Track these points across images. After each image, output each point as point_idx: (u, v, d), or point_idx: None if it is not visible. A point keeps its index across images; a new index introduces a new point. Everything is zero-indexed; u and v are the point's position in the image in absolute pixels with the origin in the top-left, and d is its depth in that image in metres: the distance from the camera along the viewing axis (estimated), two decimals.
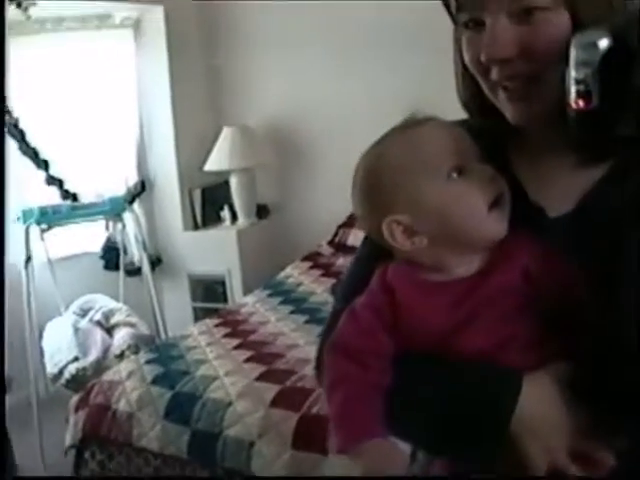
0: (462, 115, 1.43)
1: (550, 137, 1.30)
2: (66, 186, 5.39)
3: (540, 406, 1.17)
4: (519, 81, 1.23)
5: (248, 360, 3.74)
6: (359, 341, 1.27)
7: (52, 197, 5.33)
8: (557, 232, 1.26)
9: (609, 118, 1.06)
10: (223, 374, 3.58)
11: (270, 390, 3.31)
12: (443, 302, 1.23)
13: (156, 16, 5.67)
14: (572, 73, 1.08)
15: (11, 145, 5.15)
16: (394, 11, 5.15)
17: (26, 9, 3.96)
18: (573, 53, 1.08)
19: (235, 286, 5.67)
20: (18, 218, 4.97)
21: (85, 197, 5.44)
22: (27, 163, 5.25)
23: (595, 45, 1.05)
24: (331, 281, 4.80)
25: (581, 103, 1.06)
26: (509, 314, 1.20)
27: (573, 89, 1.07)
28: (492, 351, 1.19)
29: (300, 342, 3.85)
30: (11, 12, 3.98)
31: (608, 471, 1.11)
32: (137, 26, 5.80)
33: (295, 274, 5.24)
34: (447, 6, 1.31)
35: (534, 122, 1.27)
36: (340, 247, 5.30)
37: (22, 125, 5.17)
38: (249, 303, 4.78)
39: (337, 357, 1.29)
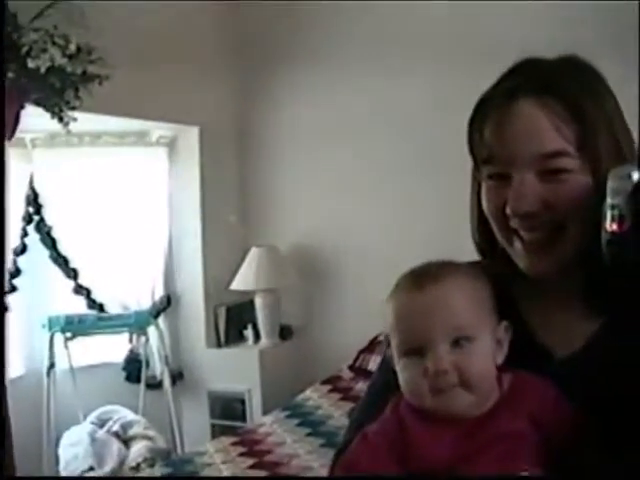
0: None
1: (559, 284, 1.35)
2: (93, 296, 5.45)
3: None
4: (538, 233, 1.29)
5: None
6: (369, 465, 1.30)
7: (79, 306, 5.39)
8: (564, 373, 1.29)
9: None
10: None
11: None
12: (447, 439, 1.26)
13: (191, 136, 5.82)
14: (608, 200, 1.14)
15: (43, 252, 5.24)
16: (435, 144, 5.27)
17: (67, 123, 4.08)
18: (610, 183, 1.14)
19: (255, 405, 5.64)
20: (44, 325, 5.03)
21: (111, 308, 5.50)
22: (56, 271, 5.33)
23: (629, 176, 1.12)
24: (349, 405, 4.78)
25: (615, 226, 1.12)
26: (511, 455, 1.22)
27: (608, 214, 1.13)
28: None
29: (314, 465, 3.84)
30: (52, 125, 4.11)
31: None
32: (172, 145, 5.94)
33: (314, 397, 5.22)
34: (472, 150, 1.38)
35: (547, 273, 1.33)
36: (360, 372, 5.29)
37: (54, 234, 5.26)
38: (267, 423, 4.77)
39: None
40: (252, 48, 6.11)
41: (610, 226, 1.13)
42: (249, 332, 5.91)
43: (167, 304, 5.92)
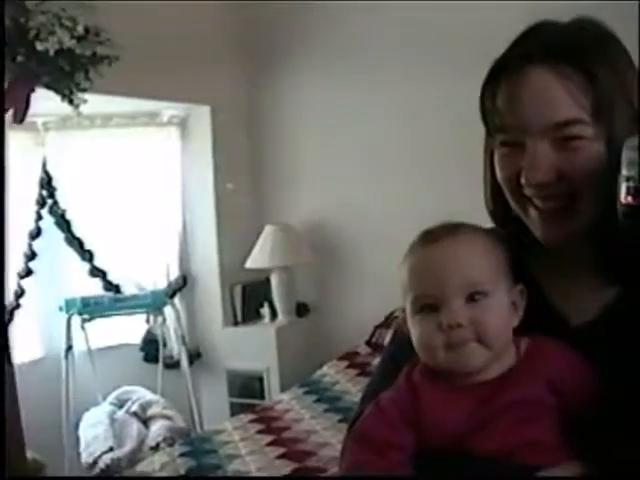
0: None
1: (573, 253, 1.34)
2: (109, 278, 5.47)
3: None
4: (553, 202, 1.27)
5: (280, 457, 3.75)
6: (382, 433, 1.30)
7: (95, 288, 5.42)
8: (579, 341, 1.28)
9: None
10: (255, 470, 3.59)
11: None
12: (461, 406, 1.26)
13: (203, 115, 5.82)
14: (623, 171, 1.12)
15: (57, 235, 5.26)
16: (442, 122, 5.27)
17: (77, 106, 4.08)
18: (625, 153, 1.12)
19: (273, 382, 5.67)
20: (60, 308, 5.05)
21: (127, 289, 5.52)
22: (72, 253, 5.35)
23: None
24: (366, 381, 4.78)
25: (630, 199, 1.10)
26: (528, 422, 1.22)
27: (623, 186, 1.11)
28: (508, 454, 1.21)
29: (332, 441, 3.84)
30: (63, 108, 4.11)
31: None
32: (184, 124, 5.94)
33: (331, 373, 5.23)
34: (484, 118, 1.37)
35: (562, 242, 1.31)
36: (377, 347, 5.29)
37: (68, 216, 5.28)
38: (284, 400, 4.78)
39: (359, 445, 1.32)
40: (266, 28, 6.09)
41: (625, 198, 1.11)
42: (265, 310, 5.92)
43: (183, 284, 5.94)
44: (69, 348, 4.99)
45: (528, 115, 1.25)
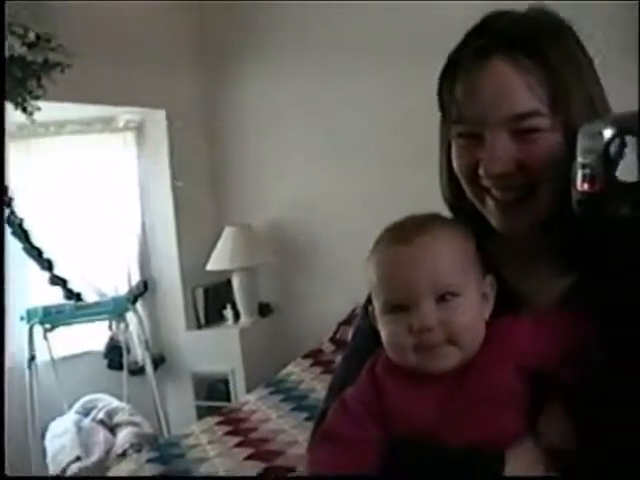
0: None
1: (532, 241, 1.35)
2: (70, 286, 5.44)
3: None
4: (511, 193, 1.28)
5: (249, 457, 3.76)
6: (347, 429, 1.30)
7: (56, 296, 5.38)
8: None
9: (609, 200, 1.10)
10: (223, 472, 3.59)
11: None
12: (427, 397, 1.25)
13: (158, 119, 5.80)
14: (579, 159, 1.12)
15: (15, 245, 5.22)
16: (398, 115, 5.29)
17: (31, 113, 4.06)
18: (580, 141, 1.13)
19: (238, 384, 5.67)
20: (22, 318, 5.01)
21: (88, 297, 5.49)
22: (31, 263, 5.31)
23: (601, 134, 1.09)
24: (331, 378, 4.79)
25: (586, 186, 1.10)
26: (495, 409, 1.22)
27: (579, 173, 1.12)
28: (477, 443, 1.21)
29: (300, 439, 3.84)
30: (16, 116, 4.09)
31: None
32: (140, 129, 5.93)
33: (297, 371, 5.24)
34: (442, 108, 1.37)
35: (520, 232, 1.32)
36: (341, 343, 5.29)
37: (26, 225, 5.24)
38: (251, 401, 4.78)
39: (325, 442, 1.32)
40: (219, 28, 6.11)
41: (581, 185, 1.11)
42: (228, 312, 5.92)
43: (144, 289, 5.92)
44: (32, 358, 4.96)
45: (486, 107, 1.25)
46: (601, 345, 1.19)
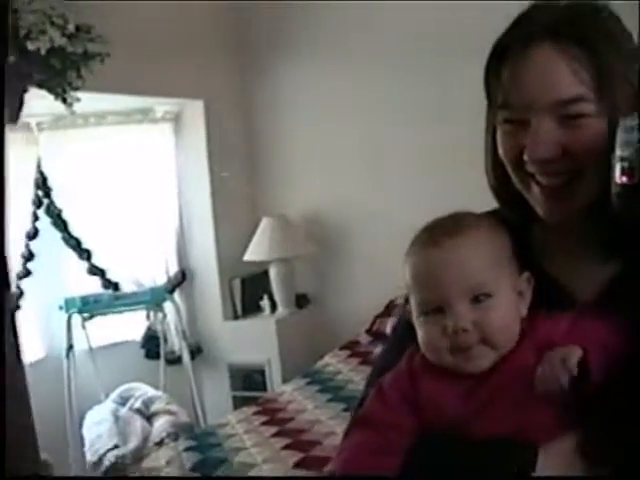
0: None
1: (576, 230, 1.34)
2: (108, 276, 5.47)
3: (556, 473, 1.18)
4: (555, 179, 1.27)
5: (286, 447, 3.76)
6: (383, 415, 1.31)
7: (94, 286, 5.42)
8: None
9: None
10: (261, 461, 3.60)
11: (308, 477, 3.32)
12: (462, 391, 1.25)
13: (196, 110, 5.81)
14: (617, 152, 1.12)
15: (54, 235, 5.26)
16: (436, 106, 5.28)
17: (71, 104, 4.07)
18: (619, 134, 1.13)
19: (274, 375, 5.68)
20: (60, 307, 5.05)
21: (126, 286, 5.52)
22: (70, 253, 5.35)
23: (638, 127, 1.09)
24: (368, 369, 4.76)
25: (625, 179, 1.10)
26: (525, 402, 1.21)
27: (618, 166, 1.11)
28: (508, 436, 1.21)
29: (337, 430, 3.83)
30: (57, 107, 4.11)
31: None
32: (178, 120, 5.93)
33: (333, 362, 5.24)
34: (488, 94, 1.36)
35: (565, 218, 1.31)
36: (378, 336, 5.29)
37: (65, 216, 5.27)
38: (287, 391, 4.79)
39: (360, 427, 1.33)
40: (259, 20, 6.10)
41: (619, 178, 1.11)
42: (265, 302, 5.93)
43: (182, 279, 5.94)
44: (70, 347, 4.99)
45: (532, 93, 1.25)
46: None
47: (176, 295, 5.84)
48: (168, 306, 5.55)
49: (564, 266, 1.36)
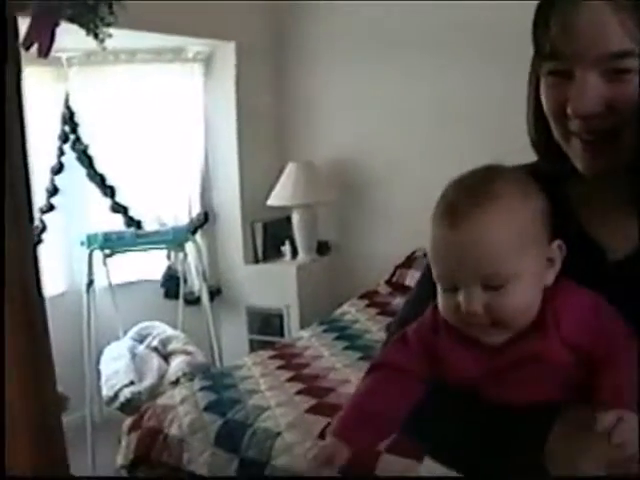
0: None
1: (615, 185, 1.31)
2: (130, 214, 5.48)
3: (572, 440, 1.18)
4: (597, 134, 1.24)
5: (300, 392, 3.79)
6: (401, 361, 1.32)
7: (117, 223, 5.44)
8: (618, 275, 1.27)
9: None
10: (274, 405, 3.63)
11: (319, 423, 3.33)
12: (475, 355, 1.25)
13: (228, 51, 5.77)
14: None
15: (80, 171, 5.26)
16: (464, 59, 5.23)
17: (102, 40, 4.04)
18: None
19: (292, 320, 5.70)
20: (82, 243, 5.06)
21: (149, 225, 5.53)
22: (94, 189, 5.36)
23: None
24: (387, 320, 4.78)
25: None
26: (546, 376, 1.21)
27: None
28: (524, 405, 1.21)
29: (352, 378, 3.86)
30: (88, 43, 4.08)
31: None
32: (208, 61, 5.90)
33: (352, 311, 5.26)
34: (535, 43, 1.32)
35: (603, 173, 1.28)
36: (397, 287, 5.30)
37: (91, 152, 5.28)
38: (304, 337, 4.82)
39: (376, 369, 1.35)
40: None
41: None
42: (286, 248, 5.94)
43: (204, 220, 5.95)
44: (90, 283, 5.01)
45: (580, 45, 1.21)
46: None
47: (198, 236, 5.85)
48: (189, 247, 5.55)
49: (599, 223, 1.34)
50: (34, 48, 2.80)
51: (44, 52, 3.80)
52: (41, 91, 5.04)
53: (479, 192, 1.24)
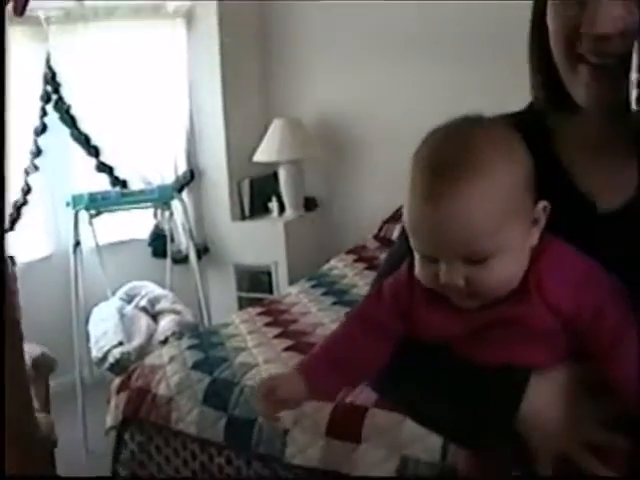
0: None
1: (614, 122, 1.23)
2: (116, 173, 5.45)
3: (547, 402, 1.17)
4: (609, 59, 1.15)
5: (287, 349, 3.79)
6: (377, 315, 1.30)
7: (102, 183, 5.41)
8: (607, 226, 1.22)
9: None
10: (262, 362, 3.62)
11: None
12: (452, 315, 1.22)
13: (209, 6, 5.70)
14: (634, 75, 1.04)
15: (63, 131, 5.22)
16: (449, 14, 5.19)
17: None
18: (635, 58, 1.04)
19: (280, 276, 5.70)
20: (68, 203, 5.03)
21: (134, 184, 5.50)
22: (78, 149, 5.32)
23: None
24: (374, 274, 4.75)
25: None
26: (527, 339, 1.19)
27: (634, 92, 1.03)
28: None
29: None
30: (67, 2, 4.03)
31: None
32: (190, 16, 5.82)
33: (339, 266, 5.25)
34: None
35: (607, 107, 1.20)
36: (385, 241, 5.30)
37: (74, 112, 5.24)
38: (292, 293, 4.81)
39: (350, 321, 1.35)
40: None
41: (637, 105, 1.03)
42: (274, 204, 5.91)
43: (190, 178, 5.92)
44: (77, 244, 4.99)
45: None
46: None
47: (184, 194, 5.83)
48: (176, 205, 5.53)
49: (589, 171, 1.28)
50: (9, 6, 2.76)
51: (19, 10, 3.74)
52: (21, 51, 4.98)
53: (458, 163, 1.15)
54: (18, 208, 4.96)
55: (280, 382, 1.29)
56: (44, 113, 5.17)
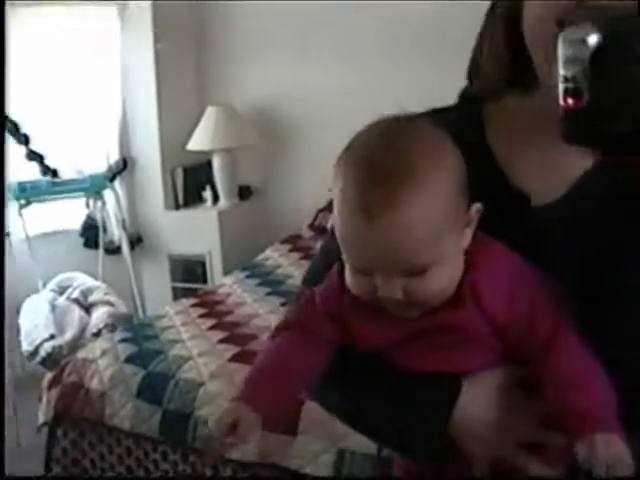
0: None
1: (551, 118, 1.09)
2: (46, 162, 5.36)
3: (481, 407, 1.17)
4: None
5: (222, 341, 3.76)
6: (309, 323, 1.27)
7: (32, 172, 5.30)
8: (541, 221, 1.19)
9: (600, 116, 0.97)
10: (196, 354, 3.59)
11: (242, 371, 3.27)
12: (386, 323, 1.18)
13: None
14: (560, 71, 0.98)
15: None
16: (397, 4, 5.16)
17: None
18: (561, 50, 0.99)
19: (215, 267, 5.67)
20: None
21: (65, 173, 5.41)
22: (7, 137, 5.21)
23: (584, 41, 0.95)
24: (308, 264, 4.76)
25: (570, 101, 0.97)
26: (462, 346, 1.17)
27: (561, 87, 0.98)
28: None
29: (274, 324, 3.82)
30: None
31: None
32: (123, 2, 5.74)
33: (274, 256, 5.24)
34: None
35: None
36: (320, 230, 5.29)
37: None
38: (227, 284, 4.78)
39: (289, 332, 1.30)
40: None
41: (564, 101, 0.98)
42: (208, 193, 5.87)
43: (123, 167, 5.84)
44: (6, 235, 4.90)
45: None
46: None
47: (117, 183, 5.75)
48: (108, 194, 5.47)
49: (524, 164, 1.25)
50: None
51: None
52: None
53: (393, 172, 1.07)
54: None
55: (236, 419, 1.23)
56: None
